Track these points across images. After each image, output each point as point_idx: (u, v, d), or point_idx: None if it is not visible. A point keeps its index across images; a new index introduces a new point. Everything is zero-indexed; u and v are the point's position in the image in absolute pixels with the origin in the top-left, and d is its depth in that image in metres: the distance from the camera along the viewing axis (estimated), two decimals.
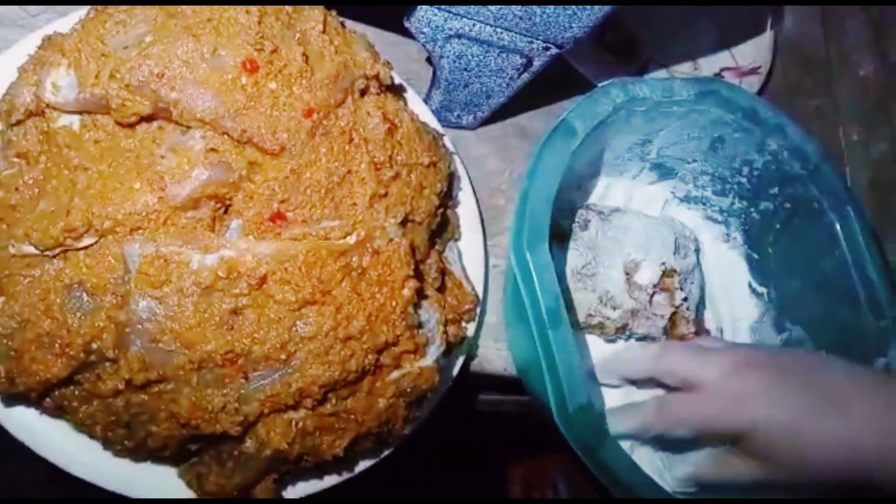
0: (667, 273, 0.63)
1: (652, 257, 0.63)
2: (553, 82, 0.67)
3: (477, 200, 0.63)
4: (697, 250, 0.67)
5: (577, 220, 0.65)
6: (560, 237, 0.64)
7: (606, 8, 0.52)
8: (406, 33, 0.58)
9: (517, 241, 0.53)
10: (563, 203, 0.63)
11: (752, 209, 0.69)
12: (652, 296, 0.62)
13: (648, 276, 0.62)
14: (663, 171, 0.70)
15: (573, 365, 0.51)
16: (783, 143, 0.64)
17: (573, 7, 0.52)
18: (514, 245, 0.53)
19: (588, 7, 0.52)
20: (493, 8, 0.53)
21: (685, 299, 0.64)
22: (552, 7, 0.53)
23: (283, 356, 0.45)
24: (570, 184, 0.57)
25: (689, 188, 0.71)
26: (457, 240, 0.61)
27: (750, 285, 0.71)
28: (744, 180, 0.68)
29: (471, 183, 0.63)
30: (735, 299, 0.72)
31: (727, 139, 0.65)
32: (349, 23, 0.54)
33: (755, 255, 0.71)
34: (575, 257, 0.63)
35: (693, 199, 0.71)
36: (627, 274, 0.62)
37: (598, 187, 0.70)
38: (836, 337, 0.64)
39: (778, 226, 0.68)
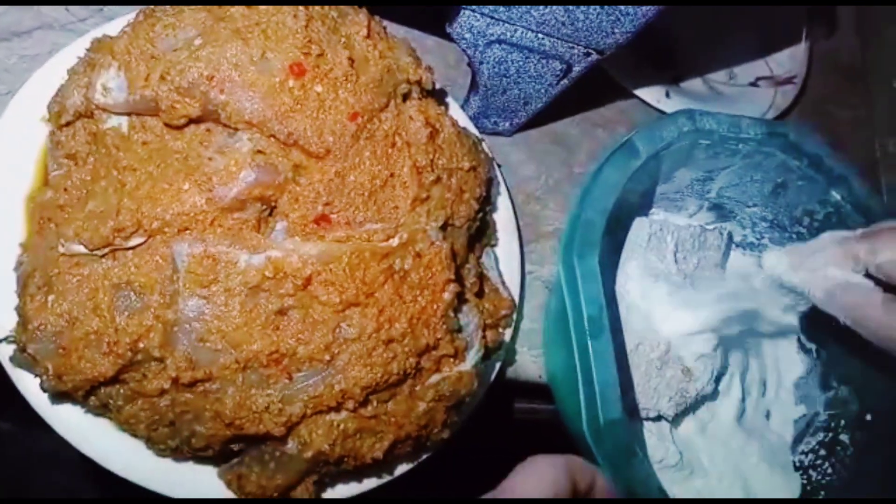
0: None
1: None
2: (589, 90, 0.67)
3: (513, 206, 0.63)
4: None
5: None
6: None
7: (650, 13, 0.52)
8: (445, 37, 0.58)
9: (567, 248, 0.52)
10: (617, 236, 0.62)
11: None
12: None
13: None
14: (722, 212, 0.68)
15: (609, 377, 0.50)
16: (847, 195, 0.61)
17: (617, 12, 0.52)
18: (563, 252, 0.53)
19: (631, 13, 0.52)
20: (535, 13, 0.53)
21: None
22: (595, 12, 0.53)
23: (326, 357, 0.45)
24: (623, 213, 0.56)
25: (746, 233, 0.69)
26: (493, 246, 0.61)
27: (799, 340, 0.69)
28: (803, 231, 0.65)
29: (507, 189, 0.63)
30: (782, 353, 0.69)
31: (790, 186, 0.63)
32: (388, 27, 0.54)
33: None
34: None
35: (749, 244, 0.69)
36: None
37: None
38: (884, 399, 0.62)
39: None
